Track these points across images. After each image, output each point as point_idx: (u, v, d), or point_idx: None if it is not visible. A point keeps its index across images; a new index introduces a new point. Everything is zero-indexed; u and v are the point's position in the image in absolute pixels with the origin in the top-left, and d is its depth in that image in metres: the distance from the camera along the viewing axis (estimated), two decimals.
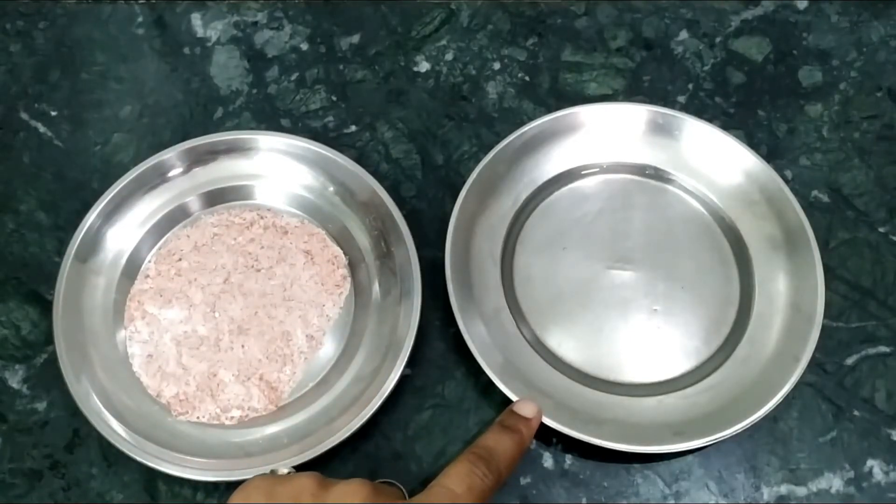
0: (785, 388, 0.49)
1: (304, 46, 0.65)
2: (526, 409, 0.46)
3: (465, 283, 0.54)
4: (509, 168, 0.58)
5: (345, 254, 0.57)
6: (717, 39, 0.65)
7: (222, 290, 0.55)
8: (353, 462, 0.52)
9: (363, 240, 0.57)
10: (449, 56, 0.65)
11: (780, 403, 0.49)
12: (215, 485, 0.51)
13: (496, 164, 0.57)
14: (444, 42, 0.65)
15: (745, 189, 0.57)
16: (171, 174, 0.58)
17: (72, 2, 0.67)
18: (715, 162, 0.58)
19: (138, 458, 0.49)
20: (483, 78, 0.64)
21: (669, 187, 0.59)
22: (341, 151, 0.57)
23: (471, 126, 0.62)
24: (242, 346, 0.54)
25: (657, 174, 0.59)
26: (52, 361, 0.52)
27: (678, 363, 0.54)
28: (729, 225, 0.57)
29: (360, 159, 0.58)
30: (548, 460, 0.52)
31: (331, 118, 0.62)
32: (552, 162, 0.59)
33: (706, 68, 0.64)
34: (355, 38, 0.65)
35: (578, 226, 0.57)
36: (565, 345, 0.54)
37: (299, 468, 0.48)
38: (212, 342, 0.54)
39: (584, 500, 0.51)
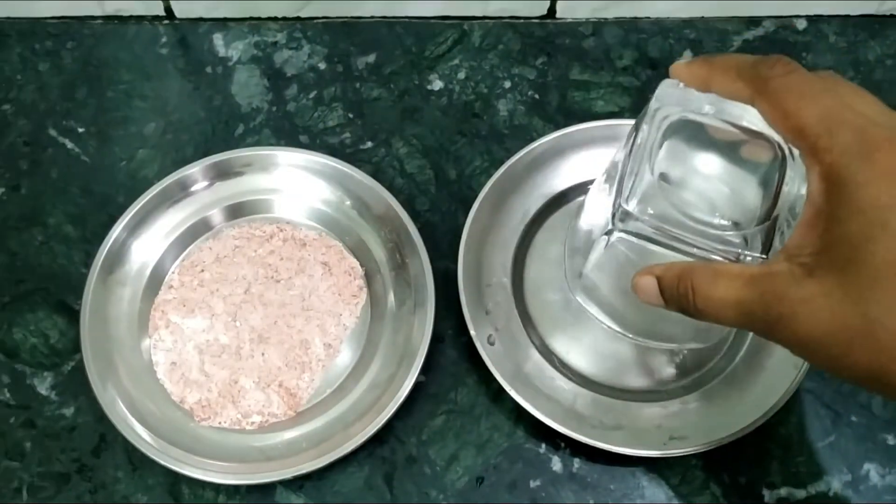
0: (785, 394, 0.50)
1: (322, 66, 0.66)
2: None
3: (477, 294, 0.55)
4: (520, 183, 0.59)
5: (361, 265, 0.58)
6: None
7: (243, 300, 0.56)
8: (368, 465, 0.53)
9: (379, 252, 0.58)
10: (461, 75, 0.65)
11: (781, 409, 0.50)
12: (236, 488, 0.52)
13: (507, 178, 0.58)
14: (456, 61, 0.66)
15: None
16: (193, 188, 0.59)
17: (98, 22, 0.67)
18: None
19: (162, 462, 0.50)
20: (494, 96, 0.65)
21: None
22: (358, 167, 0.58)
23: (482, 142, 0.63)
24: (262, 354, 0.55)
25: None
26: (80, 369, 0.53)
27: (681, 371, 0.55)
28: None
29: (375, 174, 0.59)
30: (556, 464, 0.53)
31: (347, 135, 0.63)
32: (561, 177, 0.60)
33: None
34: (371, 58, 0.66)
35: None
36: (573, 352, 0.55)
37: (317, 472, 0.50)
38: (233, 350, 0.55)
39: (591, 503, 0.52)
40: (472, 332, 0.52)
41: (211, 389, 0.54)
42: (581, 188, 0.60)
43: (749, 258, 0.38)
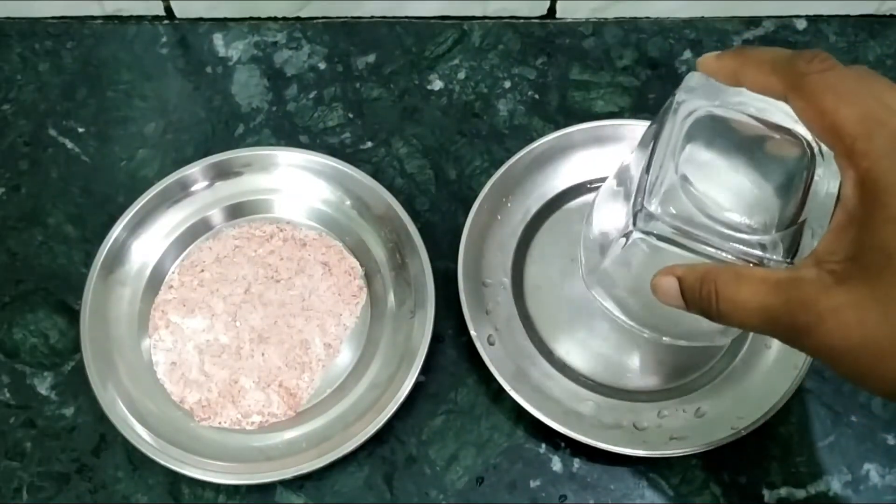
0: (785, 394, 0.51)
1: (322, 66, 0.66)
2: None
3: (477, 294, 0.55)
4: (519, 182, 0.59)
5: (361, 265, 0.58)
6: None
7: (243, 299, 0.56)
8: (368, 466, 0.53)
9: (379, 252, 0.58)
10: (461, 75, 0.66)
11: (781, 409, 0.50)
12: (236, 488, 0.52)
13: (507, 178, 0.58)
14: (456, 61, 0.66)
15: None
16: (193, 188, 0.59)
17: (98, 22, 0.68)
18: None
19: (162, 462, 0.50)
20: (494, 96, 0.65)
21: None
22: (358, 167, 0.58)
23: (482, 142, 0.63)
24: (262, 354, 0.55)
25: None
26: (80, 369, 0.53)
27: (681, 371, 0.55)
28: None
29: (375, 174, 0.59)
30: (556, 464, 0.53)
31: (347, 134, 0.63)
32: (561, 177, 0.60)
33: None
34: (371, 58, 0.66)
35: None
36: (573, 352, 0.55)
37: (317, 472, 0.50)
38: (233, 350, 0.55)
39: (591, 502, 0.52)
40: (472, 332, 0.52)
41: (211, 389, 0.54)
42: (581, 188, 0.60)
43: (773, 263, 0.37)
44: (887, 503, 0.52)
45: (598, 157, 0.60)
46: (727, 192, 0.40)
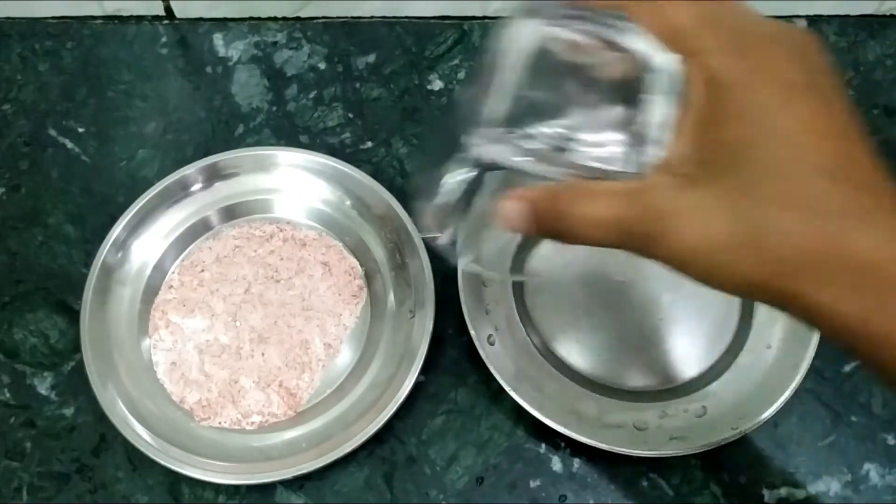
0: (785, 394, 0.51)
1: (322, 66, 0.66)
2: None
3: (477, 294, 0.55)
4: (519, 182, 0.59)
5: (361, 265, 0.58)
6: None
7: (243, 299, 0.57)
8: (368, 465, 0.53)
9: (379, 252, 0.58)
10: (461, 75, 0.65)
11: (781, 409, 0.50)
12: (236, 488, 0.52)
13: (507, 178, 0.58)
14: (456, 61, 0.66)
15: None
16: (193, 188, 0.59)
17: (98, 22, 0.68)
18: None
19: (162, 462, 0.50)
20: None
21: None
22: (357, 166, 0.58)
23: None
24: (262, 354, 0.55)
25: None
26: (80, 369, 0.53)
27: (682, 371, 0.55)
28: None
29: (375, 174, 0.59)
30: (556, 464, 0.53)
31: (347, 134, 0.63)
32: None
33: None
34: (371, 58, 0.66)
35: None
36: (573, 352, 0.55)
37: (317, 472, 0.50)
38: (233, 350, 0.55)
39: (591, 502, 0.52)
40: (472, 332, 0.52)
41: (211, 389, 0.54)
42: None
43: (620, 175, 0.35)
44: (887, 503, 0.52)
45: None
46: (562, 116, 0.37)
